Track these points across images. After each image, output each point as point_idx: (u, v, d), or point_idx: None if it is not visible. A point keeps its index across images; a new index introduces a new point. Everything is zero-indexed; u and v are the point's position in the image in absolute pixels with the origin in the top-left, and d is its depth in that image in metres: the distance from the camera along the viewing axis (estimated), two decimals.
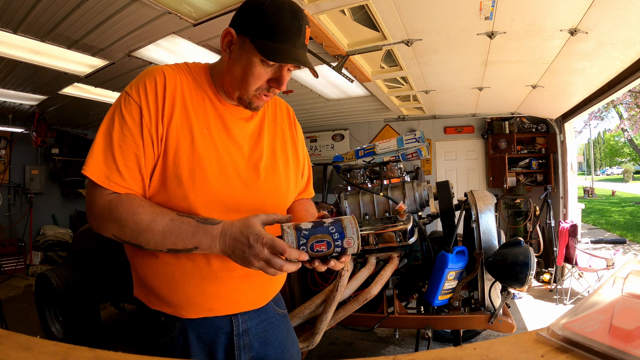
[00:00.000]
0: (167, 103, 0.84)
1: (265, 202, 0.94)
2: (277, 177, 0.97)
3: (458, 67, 3.55)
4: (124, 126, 0.81)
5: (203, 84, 0.91)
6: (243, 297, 0.93)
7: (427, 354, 0.50)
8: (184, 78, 0.89)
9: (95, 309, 3.22)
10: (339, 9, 2.48)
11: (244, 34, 0.83)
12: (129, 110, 0.82)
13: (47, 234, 6.17)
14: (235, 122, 0.93)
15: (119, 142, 0.81)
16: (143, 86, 0.84)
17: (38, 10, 2.48)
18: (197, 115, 0.88)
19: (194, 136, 0.86)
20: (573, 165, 5.13)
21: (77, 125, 6.49)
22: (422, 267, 2.39)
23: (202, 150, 0.86)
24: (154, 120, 0.83)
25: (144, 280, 0.90)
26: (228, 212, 0.88)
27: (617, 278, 0.55)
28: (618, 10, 2.21)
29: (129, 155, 0.81)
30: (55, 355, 0.48)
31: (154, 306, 0.90)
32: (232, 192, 0.89)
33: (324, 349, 3.15)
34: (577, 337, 0.46)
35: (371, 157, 2.73)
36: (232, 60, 0.86)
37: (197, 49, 3.14)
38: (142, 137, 0.82)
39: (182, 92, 0.87)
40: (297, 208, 1.08)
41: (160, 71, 0.86)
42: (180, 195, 0.84)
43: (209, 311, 0.90)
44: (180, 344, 0.89)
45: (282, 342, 1.01)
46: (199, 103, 0.89)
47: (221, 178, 0.87)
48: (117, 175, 0.80)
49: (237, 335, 0.92)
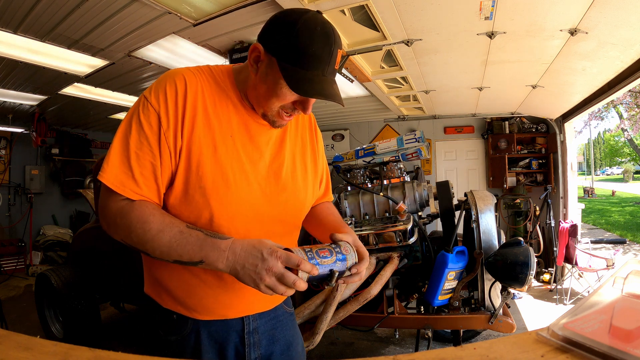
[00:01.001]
0: (188, 111, 0.82)
1: (285, 211, 0.94)
2: (296, 186, 0.96)
3: (458, 67, 3.55)
4: (142, 133, 0.80)
5: (227, 89, 0.88)
6: (256, 305, 0.95)
7: (427, 354, 0.50)
8: (205, 83, 0.86)
9: (95, 309, 3.22)
10: (339, 9, 2.47)
11: (271, 54, 0.80)
12: (147, 117, 0.80)
13: (47, 234, 6.17)
14: (259, 128, 0.91)
15: (135, 149, 0.79)
16: (163, 92, 0.81)
17: (38, 10, 2.48)
18: (221, 123, 0.85)
19: (217, 145, 0.84)
20: (573, 165, 5.13)
21: (77, 125, 6.49)
22: (422, 267, 2.39)
23: (225, 160, 0.84)
24: (172, 130, 0.80)
25: (159, 280, 0.90)
26: (249, 221, 0.88)
27: (617, 278, 0.55)
28: (618, 10, 2.21)
29: (145, 164, 0.80)
30: (55, 355, 0.48)
31: (166, 305, 0.90)
32: (254, 201, 0.88)
33: (324, 349, 3.15)
34: (577, 337, 0.46)
35: (371, 157, 2.73)
36: (259, 77, 0.83)
37: (197, 49, 3.14)
38: (159, 146, 0.80)
39: (204, 98, 0.84)
40: (324, 213, 1.08)
41: (181, 76, 0.83)
42: (204, 205, 0.83)
43: (223, 315, 0.90)
44: (192, 342, 0.89)
45: (289, 339, 1.02)
46: (222, 109, 0.87)
47: (243, 188, 0.86)
48: (133, 182, 0.79)
49: (247, 333, 0.93)
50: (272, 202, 0.91)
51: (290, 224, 0.98)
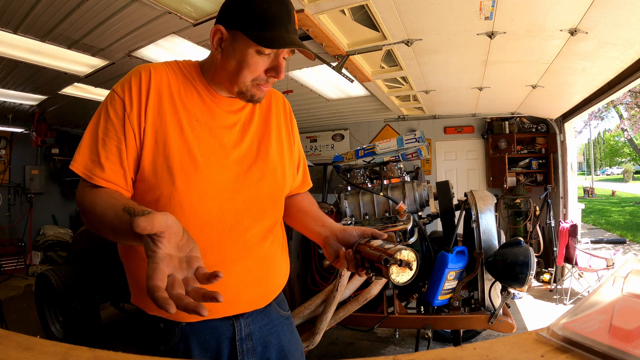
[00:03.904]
0: (152, 95, 0.85)
1: (260, 189, 0.94)
2: (271, 163, 0.98)
3: (458, 67, 3.55)
4: (108, 121, 0.83)
5: (193, 79, 0.92)
6: (244, 295, 0.91)
7: (427, 354, 0.50)
8: (171, 73, 0.90)
9: (95, 309, 3.22)
10: (339, 9, 2.47)
11: (234, 28, 0.84)
12: (114, 105, 0.84)
13: (47, 234, 6.17)
14: (224, 113, 0.93)
15: (102, 136, 0.82)
16: (128, 83, 0.86)
17: (38, 10, 2.48)
18: (186, 108, 0.89)
19: (183, 127, 0.87)
20: (573, 165, 5.14)
21: (77, 125, 6.49)
22: (422, 267, 2.39)
23: (192, 140, 0.86)
24: (135, 112, 0.83)
25: (140, 283, 0.88)
26: (222, 201, 0.88)
27: (617, 277, 0.55)
28: (618, 11, 2.21)
29: (111, 149, 0.82)
30: (55, 355, 0.48)
31: (151, 311, 0.88)
32: (224, 181, 0.89)
33: (324, 349, 3.15)
34: (577, 337, 0.46)
35: (371, 157, 2.73)
36: (225, 56, 0.86)
37: (197, 49, 3.14)
38: (124, 130, 0.82)
39: (170, 86, 0.88)
40: (305, 202, 1.10)
41: (147, 68, 0.88)
42: (171, 185, 0.84)
43: (208, 312, 0.88)
44: (182, 351, 0.87)
45: (285, 345, 0.99)
46: (188, 97, 0.90)
47: (212, 166, 0.88)
48: (98, 168, 0.81)
49: (239, 340, 0.91)
50: (245, 181, 0.92)
51: (266, 203, 0.96)
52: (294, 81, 4.08)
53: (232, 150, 0.92)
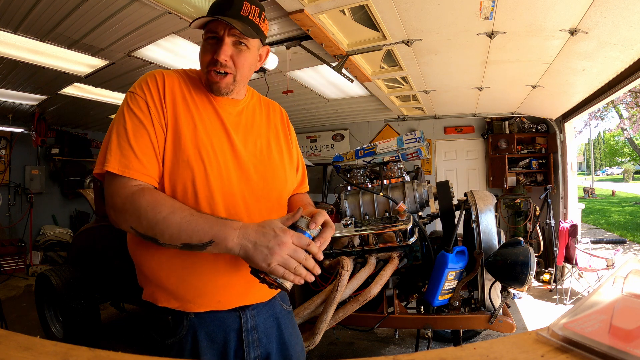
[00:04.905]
0: (168, 95, 0.92)
1: (265, 187, 0.99)
2: (274, 165, 1.04)
3: (458, 67, 3.55)
4: (134, 118, 0.87)
5: (199, 84, 0.99)
6: (250, 293, 0.95)
7: (427, 354, 0.50)
8: (181, 78, 0.97)
9: (95, 309, 3.22)
10: (339, 9, 2.47)
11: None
12: (136, 104, 0.89)
13: (47, 234, 6.17)
14: (228, 114, 0.99)
15: (133, 132, 0.86)
16: (145, 83, 0.92)
17: (38, 10, 2.48)
18: (197, 106, 0.95)
19: (196, 124, 0.92)
20: (573, 165, 5.13)
21: (77, 125, 6.49)
22: (422, 267, 2.38)
23: (204, 137, 0.92)
24: (159, 108, 0.90)
25: (150, 276, 0.91)
26: (235, 199, 0.93)
27: (617, 277, 0.55)
28: (618, 10, 2.21)
29: (144, 142, 0.86)
30: (55, 355, 0.48)
31: (161, 303, 0.90)
32: (237, 176, 0.94)
33: (324, 349, 3.15)
34: (577, 337, 0.46)
35: (371, 157, 2.73)
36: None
37: (197, 49, 3.14)
38: (152, 124, 0.88)
39: (181, 88, 0.95)
40: (304, 202, 1.14)
41: (160, 71, 0.95)
42: (190, 179, 0.88)
43: (217, 303, 0.90)
44: (189, 343, 0.89)
45: (287, 338, 1.02)
46: (197, 96, 0.97)
47: (226, 162, 0.93)
48: (136, 162, 0.84)
49: (245, 331, 0.94)
50: (253, 179, 0.97)
51: (273, 201, 1.02)
52: (294, 81, 4.08)
53: (240, 148, 0.97)
